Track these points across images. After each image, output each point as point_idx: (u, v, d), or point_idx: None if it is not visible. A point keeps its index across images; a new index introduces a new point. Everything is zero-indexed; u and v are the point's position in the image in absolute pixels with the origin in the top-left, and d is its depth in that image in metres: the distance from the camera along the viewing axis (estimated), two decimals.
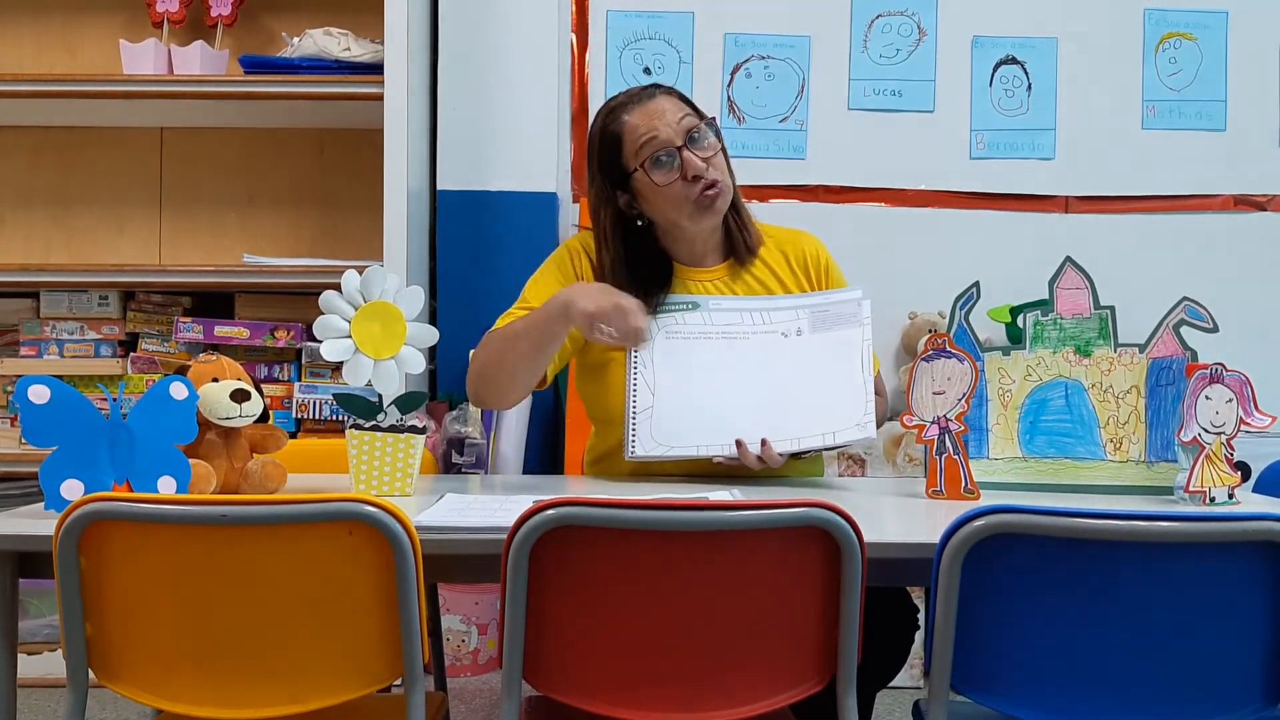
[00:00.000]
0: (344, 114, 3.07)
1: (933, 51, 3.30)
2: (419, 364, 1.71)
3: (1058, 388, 1.81)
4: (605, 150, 1.95)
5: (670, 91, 1.97)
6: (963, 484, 1.70)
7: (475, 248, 3.20)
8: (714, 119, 1.96)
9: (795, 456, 1.86)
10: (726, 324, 1.90)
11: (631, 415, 1.85)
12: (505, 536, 1.27)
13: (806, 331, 1.89)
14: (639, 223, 1.96)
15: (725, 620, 1.30)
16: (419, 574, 1.29)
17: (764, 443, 1.79)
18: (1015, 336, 2.81)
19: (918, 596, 1.98)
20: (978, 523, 1.26)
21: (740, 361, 1.88)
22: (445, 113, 3.23)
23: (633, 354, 1.88)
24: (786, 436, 1.81)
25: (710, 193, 1.90)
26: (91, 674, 1.33)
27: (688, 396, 1.85)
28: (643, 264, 1.96)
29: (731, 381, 1.86)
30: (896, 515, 1.63)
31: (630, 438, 1.84)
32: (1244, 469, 1.84)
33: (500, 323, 1.95)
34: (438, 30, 3.23)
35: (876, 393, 1.99)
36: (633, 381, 1.87)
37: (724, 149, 1.97)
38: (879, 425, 2.01)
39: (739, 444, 1.79)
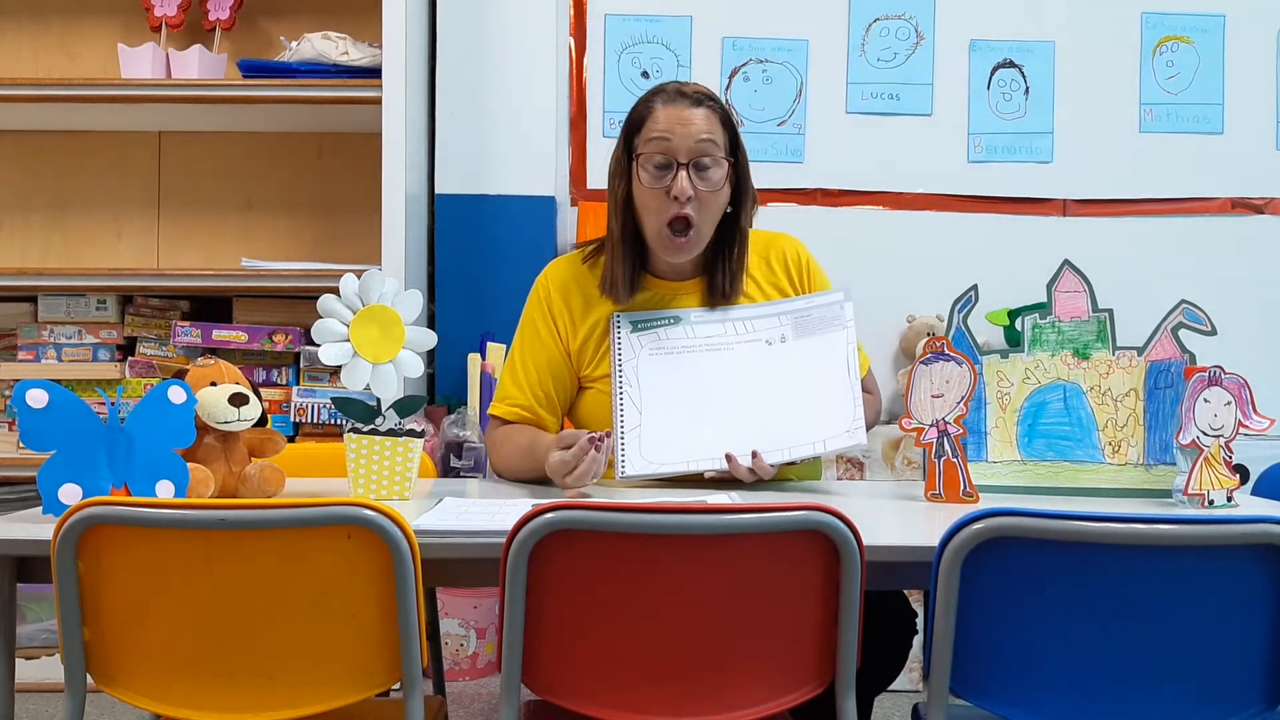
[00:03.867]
0: (342, 118, 3.07)
1: (930, 55, 3.31)
2: (417, 368, 1.71)
3: (1056, 391, 1.81)
4: (629, 124, 1.92)
5: (715, 111, 1.88)
6: (961, 487, 1.70)
7: (473, 251, 3.20)
8: (733, 148, 1.89)
9: (787, 465, 1.84)
10: (709, 336, 1.88)
11: (620, 435, 1.82)
12: (504, 540, 1.26)
13: (790, 338, 1.87)
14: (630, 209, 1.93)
15: (724, 624, 1.30)
16: (417, 578, 1.29)
17: (754, 454, 1.77)
18: (1013, 339, 2.81)
19: (916, 600, 1.98)
20: (976, 526, 1.26)
21: (726, 373, 1.86)
22: (443, 116, 3.23)
23: (618, 373, 1.87)
24: (777, 447, 1.79)
25: (680, 239, 1.86)
26: (90, 679, 1.33)
27: (675, 412, 1.83)
28: (633, 260, 1.95)
29: (718, 394, 1.84)
30: (895, 518, 1.63)
31: (620, 458, 1.81)
32: (1242, 472, 1.85)
33: (498, 404, 1.97)
34: (436, 34, 3.23)
35: (868, 391, 1.98)
36: (619, 401, 1.85)
37: (738, 194, 1.92)
38: (874, 423, 2.01)
39: (729, 458, 1.77)
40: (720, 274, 1.94)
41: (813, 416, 1.82)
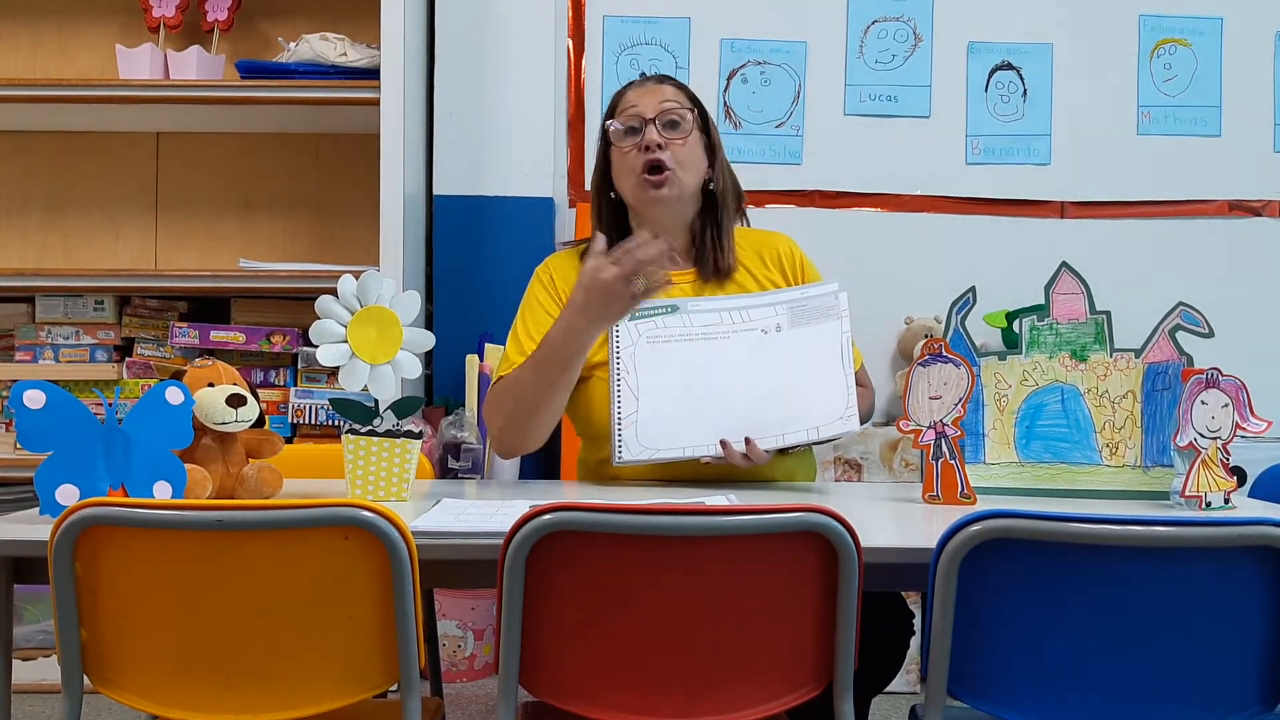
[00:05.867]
0: (340, 119, 3.07)
1: (929, 57, 3.31)
2: (415, 369, 1.71)
3: (1054, 393, 1.82)
4: (606, 113, 2.03)
5: (680, 86, 2.02)
6: (959, 489, 1.70)
7: (471, 253, 3.20)
8: (702, 116, 2.00)
9: (782, 453, 1.86)
10: (706, 325, 1.90)
11: (617, 421, 1.85)
12: (501, 541, 1.26)
13: (785, 327, 1.89)
14: (610, 194, 2.02)
15: (722, 625, 1.30)
16: (415, 579, 1.28)
17: (748, 441, 1.79)
18: (1011, 341, 2.81)
19: (914, 602, 1.98)
20: (974, 528, 1.26)
21: (722, 361, 1.88)
22: (441, 117, 3.23)
23: (615, 360, 1.89)
24: (771, 433, 1.82)
25: (654, 177, 1.93)
26: (87, 680, 1.33)
27: (671, 399, 1.86)
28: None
29: (714, 381, 1.86)
30: (893, 520, 1.63)
31: (617, 443, 1.84)
32: (1240, 473, 1.84)
33: (503, 370, 1.96)
34: (434, 35, 3.23)
35: (861, 384, 2.01)
36: (616, 389, 1.87)
37: (713, 154, 2.01)
38: (868, 417, 2.05)
39: (723, 444, 1.80)
40: (710, 249, 2.00)
41: (807, 403, 1.84)
